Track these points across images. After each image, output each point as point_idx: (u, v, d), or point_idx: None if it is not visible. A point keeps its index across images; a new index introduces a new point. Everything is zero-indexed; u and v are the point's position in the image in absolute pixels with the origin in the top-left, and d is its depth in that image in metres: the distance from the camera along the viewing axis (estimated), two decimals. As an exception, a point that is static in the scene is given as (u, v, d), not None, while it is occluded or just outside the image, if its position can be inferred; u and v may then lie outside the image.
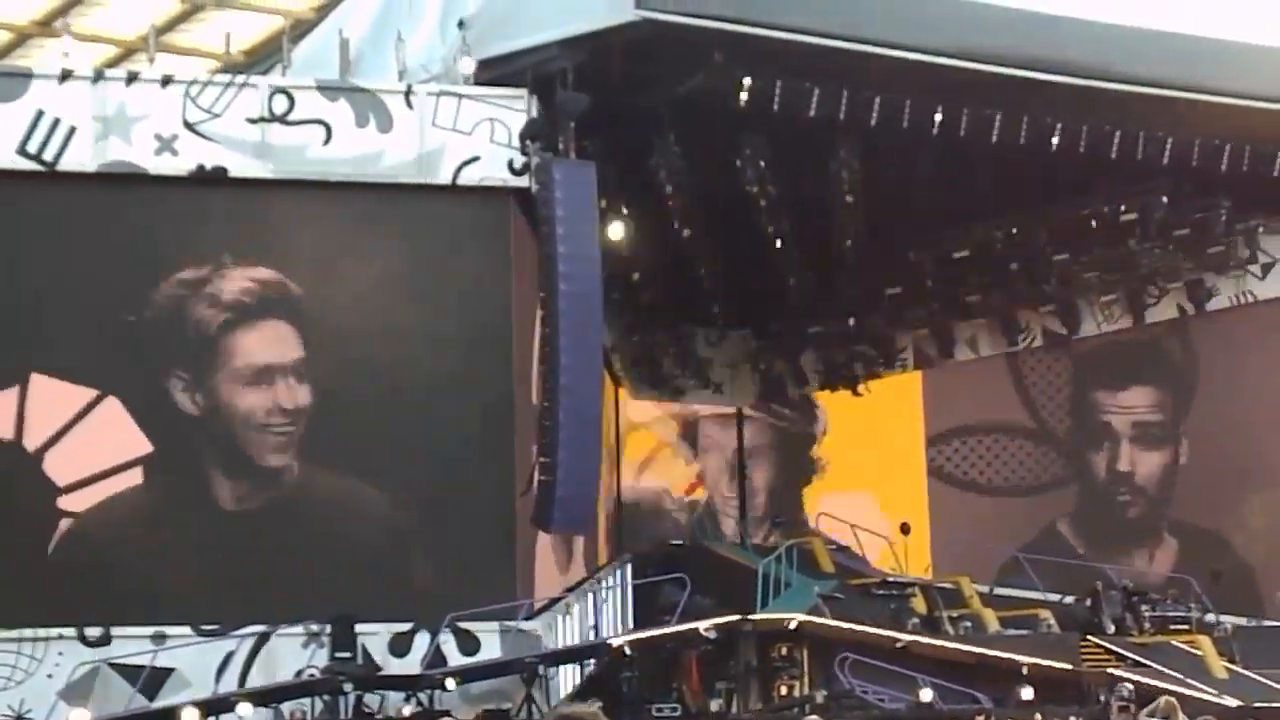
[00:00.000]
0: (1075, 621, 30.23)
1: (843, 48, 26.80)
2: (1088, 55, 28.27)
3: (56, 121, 25.39)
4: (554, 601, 27.44)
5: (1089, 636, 28.87)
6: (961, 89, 28.10)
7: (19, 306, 25.56)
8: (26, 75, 26.18)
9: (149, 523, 25.36)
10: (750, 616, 26.92)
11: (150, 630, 24.80)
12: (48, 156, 25.35)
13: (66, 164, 25.40)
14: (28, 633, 24.54)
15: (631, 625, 31.04)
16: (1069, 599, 32.09)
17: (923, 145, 29.26)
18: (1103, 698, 25.71)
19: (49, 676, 24.45)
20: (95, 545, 25.05)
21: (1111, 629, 29.63)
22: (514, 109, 26.57)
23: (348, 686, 24.43)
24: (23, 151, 25.30)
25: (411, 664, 25.25)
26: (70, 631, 24.65)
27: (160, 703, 24.28)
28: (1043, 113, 29.12)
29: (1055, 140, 29.40)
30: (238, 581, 25.21)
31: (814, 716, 21.52)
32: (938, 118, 28.47)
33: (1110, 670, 27.09)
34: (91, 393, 25.31)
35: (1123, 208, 32.54)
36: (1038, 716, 25.60)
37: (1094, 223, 32.94)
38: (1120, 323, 35.66)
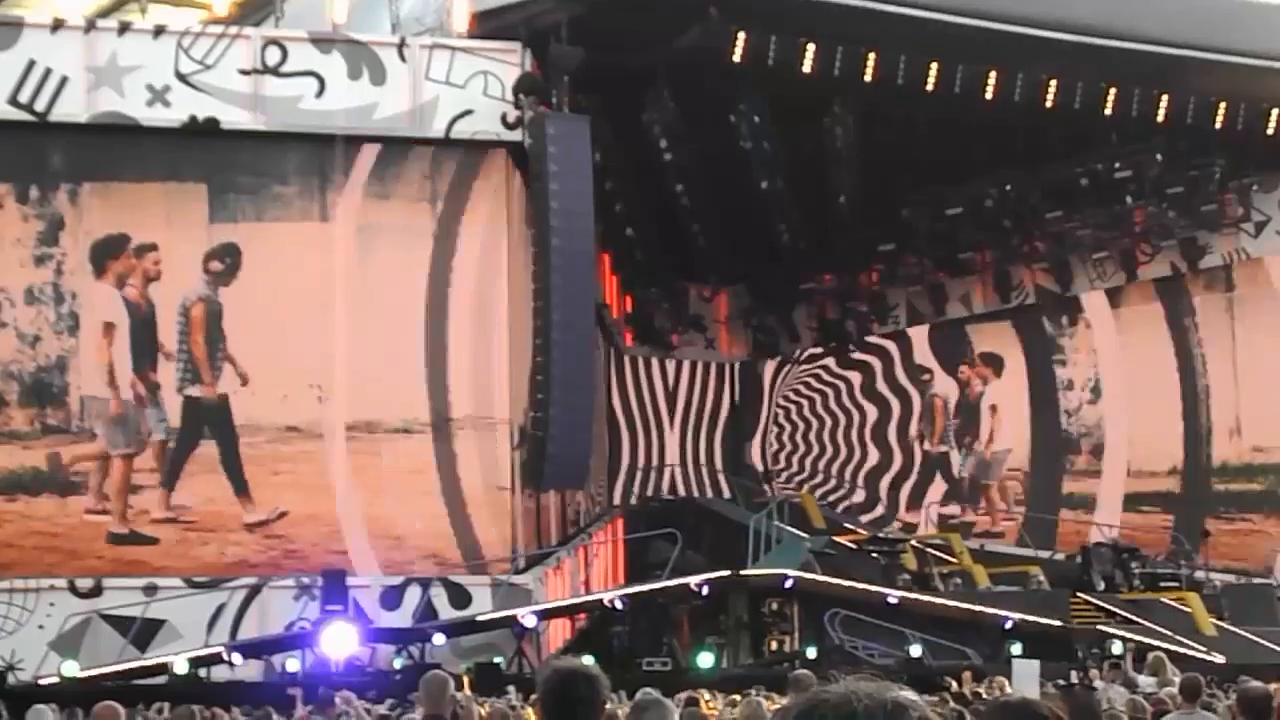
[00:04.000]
0: (1065, 579, 30.31)
1: (838, 3, 26.70)
2: (1084, 11, 28.16)
3: (48, 71, 25.28)
4: (545, 556, 27.47)
5: (1079, 593, 28.95)
6: (957, 46, 27.99)
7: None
8: (18, 25, 26.02)
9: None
10: (741, 572, 26.97)
11: (142, 582, 24.83)
12: (39, 107, 25.25)
13: (58, 114, 25.30)
14: (19, 583, 24.56)
15: (623, 580, 31.09)
16: (1059, 556, 32.16)
17: (917, 102, 29.18)
18: (1093, 653, 25.80)
19: (40, 627, 24.49)
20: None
21: (1102, 586, 29.72)
22: (508, 63, 26.46)
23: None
24: (14, 101, 25.20)
25: (402, 617, 25.30)
26: (61, 582, 24.67)
27: (152, 654, 24.32)
28: (1038, 70, 29.05)
29: (1050, 97, 29.34)
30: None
31: (804, 670, 21.53)
32: (932, 75, 28.39)
33: (1100, 627, 27.17)
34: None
35: (1117, 165, 32.47)
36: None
37: (1087, 180, 32.87)
38: (1113, 280, 35.68)
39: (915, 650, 25.80)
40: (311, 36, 26.46)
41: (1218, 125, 30.90)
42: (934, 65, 28.34)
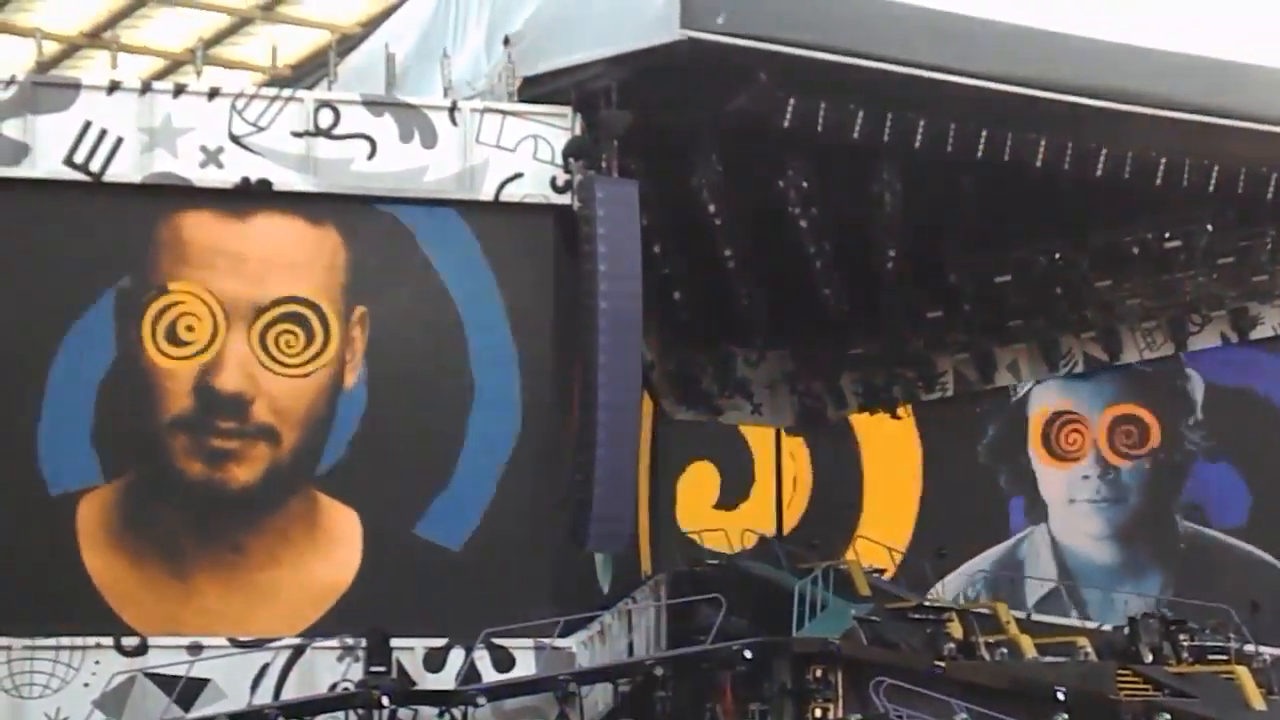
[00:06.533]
0: (1113, 650, 30.10)
1: (888, 70, 26.74)
2: (1134, 80, 28.17)
3: (103, 132, 25.54)
4: (589, 619, 27.40)
5: (1126, 665, 28.72)
6: (1006, 113, 28.02)
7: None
8: (75, 86, 26.29)
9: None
10: (786, 638, 26.86)
11: (186, 640, 24.88)
12: (94, 167, 25.50)
13: (112, 175, 25.55)
14: (65, 640, 24.63)
15: (666, 645, 30.98)
16: (1107, 626, 31.92)
17: (966, 169, 29.20)
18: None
19: (85, 685, 24.54)
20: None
21: (1149, 658, 29.47)
22: (557, 126, 26.60)
23: (383, 701, 24.45)
24: (70, 162, 25.44)
25: (446, 679, 25.27)
26: (107, 640, 24.74)
27: (195, 713, 24.34)
28: (1088, 138, 29.03)
29: (1100, 165, 29.31)
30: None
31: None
32: (982, 141, 28.41)
33: (1148, 700, 26.93)
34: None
35: (1167, 234, 32.43)
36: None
37: (1137, 249, 32.81)
38: (1162, 350, 35.54)
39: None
40: (364, 99, 26.69)
41: (1269, 196, 30.80)
42: (983, 133, 28.37)
